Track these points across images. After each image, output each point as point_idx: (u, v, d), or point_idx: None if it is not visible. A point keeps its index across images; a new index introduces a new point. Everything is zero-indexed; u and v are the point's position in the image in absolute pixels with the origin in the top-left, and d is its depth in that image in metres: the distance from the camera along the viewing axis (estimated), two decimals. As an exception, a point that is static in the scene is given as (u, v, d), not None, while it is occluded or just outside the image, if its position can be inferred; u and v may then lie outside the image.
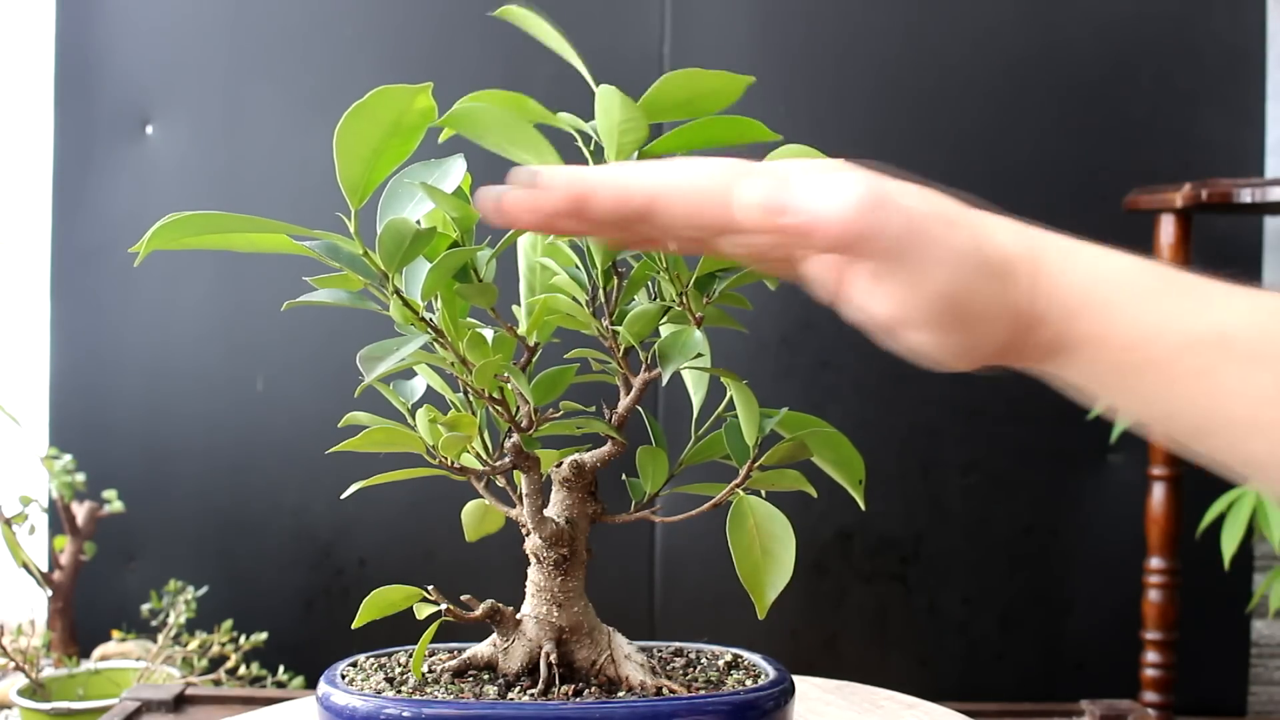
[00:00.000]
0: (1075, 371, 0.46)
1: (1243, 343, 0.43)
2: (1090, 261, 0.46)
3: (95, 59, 1.92)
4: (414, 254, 0.54)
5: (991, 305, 0.45)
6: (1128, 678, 1.78)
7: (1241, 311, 0.43)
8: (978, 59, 1.92)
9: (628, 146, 0.58)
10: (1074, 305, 0.44)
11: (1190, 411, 0.43)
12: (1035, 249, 0.46)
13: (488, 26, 1.91)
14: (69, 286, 1.93)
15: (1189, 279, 0.45)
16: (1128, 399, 0.45)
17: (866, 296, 0.46)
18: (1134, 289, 0.44)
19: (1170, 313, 0.44)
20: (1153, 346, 0.43)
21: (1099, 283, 0.45)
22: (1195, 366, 0.43)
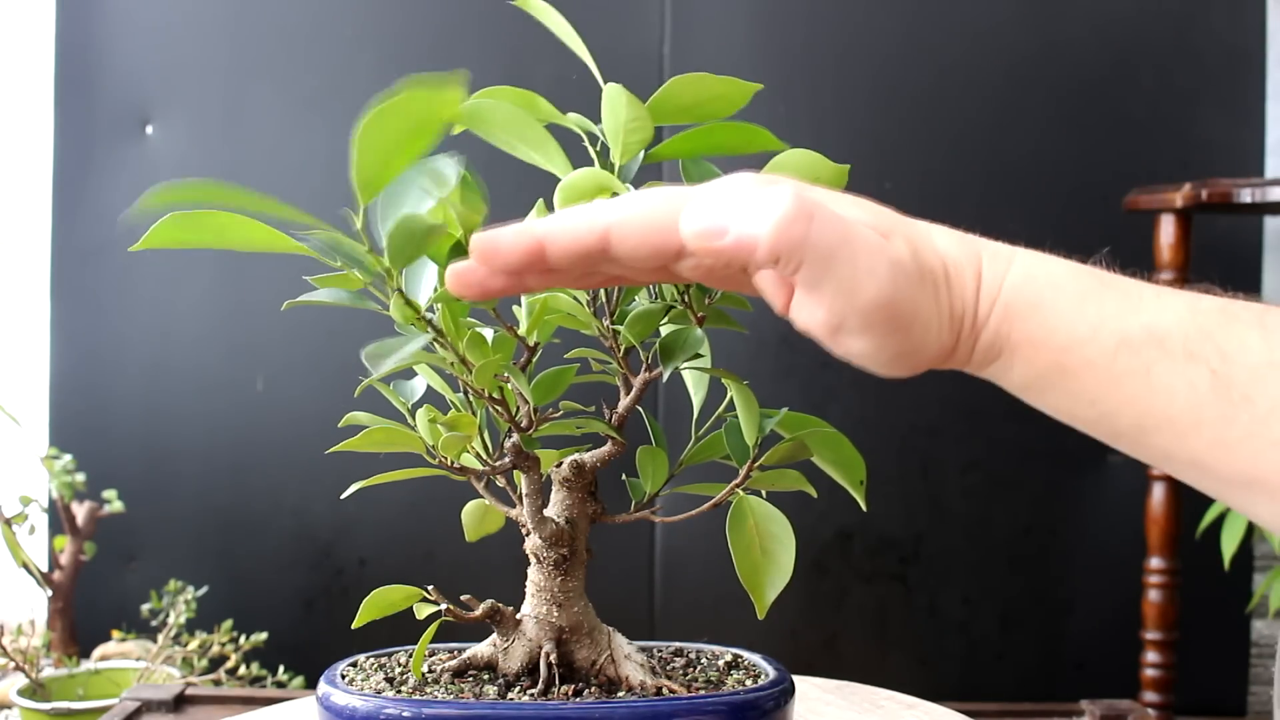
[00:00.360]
0: (1015, 374, 0.46)
1: (1178, 341, 0.43)
2: (1027, 265, 0.46)
3: (95, 59, 1.92)
4: (423, 250, 0.54)
5: (928, 311, 0.46)
6: (1128, 678, 1.78)
7: (1177, 311, 0.44)
8: (977, 59, 1.92)
9: (634, 146, 0.58)
10: (1012, 308, 0.45)
11: (1129, 411, 0.44)
12: (974, 254, 0.47)
13: (488, 27, 1.91)
14: (69, 286, 1.93)
15: (1125, 281, 0.46)
16: (1067, 401, 0.45)
17: (804, 306, 0.47)
18: (1070, 291, 0.45)
19: (1107, 313, 0.44)
20: (1089, 347, 0.44)
21: (1036, 285, 0.46)
22: (1132, 366, 0.43)
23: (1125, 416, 0.44)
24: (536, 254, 0.48)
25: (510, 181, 1.12)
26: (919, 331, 0.46)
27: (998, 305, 0.45)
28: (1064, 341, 0.44)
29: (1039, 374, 0.45)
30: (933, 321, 0.46)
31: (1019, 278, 0.46)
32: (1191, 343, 0.43)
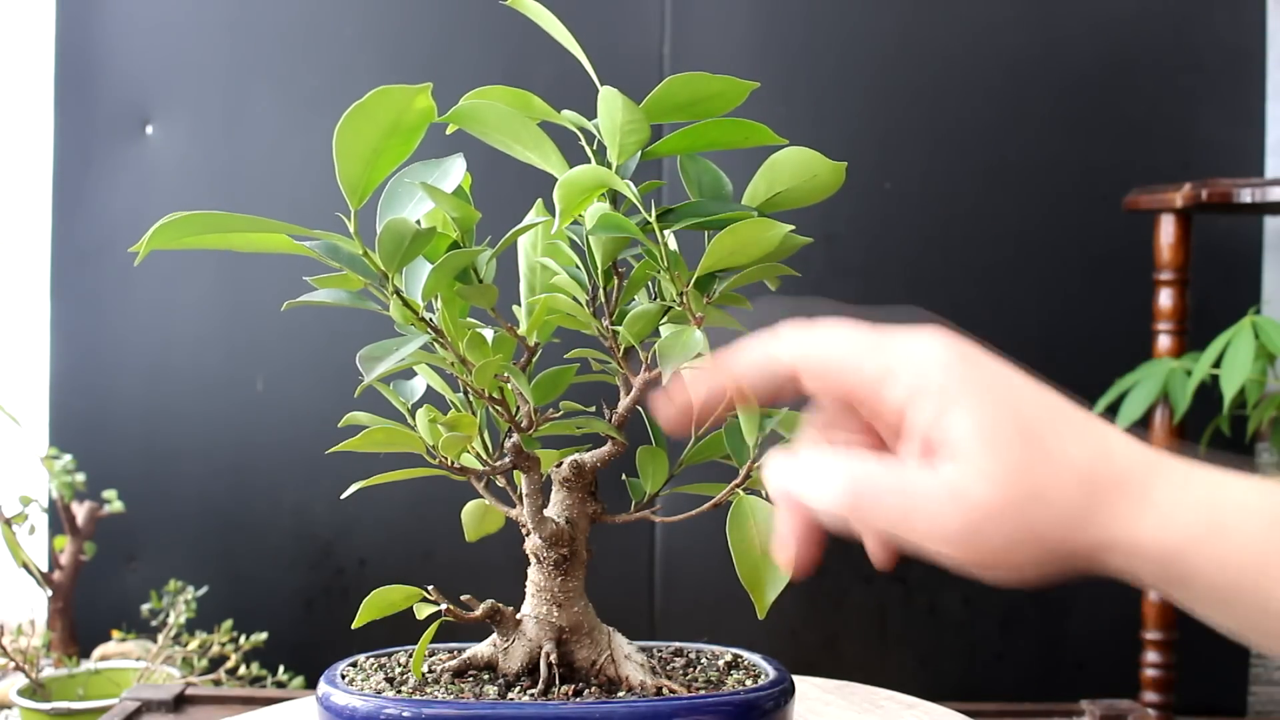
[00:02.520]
0: (1186, 592, 0.46)
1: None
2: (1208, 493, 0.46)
3: (95, 59, 1.92)
4: (413, 254, 0.54)
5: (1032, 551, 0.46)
6: (1128, 678, 1.78)
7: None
8: (977, 59, 1.92)
9: (630, 147, 0.58)
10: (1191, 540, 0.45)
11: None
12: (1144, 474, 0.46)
13: (488, 27, 1.91)
14: (69, 286, 1.93)
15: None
16: (1249, 616, 0.45)
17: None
18: (1259, 509, 0.45)
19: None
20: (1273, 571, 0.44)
21: (1220, 511, 0.45)
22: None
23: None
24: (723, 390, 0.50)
25: (510, 181, 1.12)
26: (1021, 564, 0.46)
27: (1173, 525, 0.45)
28: (1257, 564, 0.44)
29: (1221, 592, 0.45)
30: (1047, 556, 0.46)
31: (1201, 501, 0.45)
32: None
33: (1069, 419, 0.47)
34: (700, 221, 0.60)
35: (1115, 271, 1.89)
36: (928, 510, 0.46)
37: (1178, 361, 1.63)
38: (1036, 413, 0.46)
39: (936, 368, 0.47)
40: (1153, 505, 0.45)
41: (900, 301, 1.92)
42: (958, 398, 0.46)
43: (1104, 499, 0.45)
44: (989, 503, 0.45)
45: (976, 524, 0.45)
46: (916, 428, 0.46)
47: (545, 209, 0.64)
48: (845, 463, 0.47)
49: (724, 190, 0.64)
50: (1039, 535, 0.45)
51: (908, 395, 0.46)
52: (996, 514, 0.45)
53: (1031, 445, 0.45)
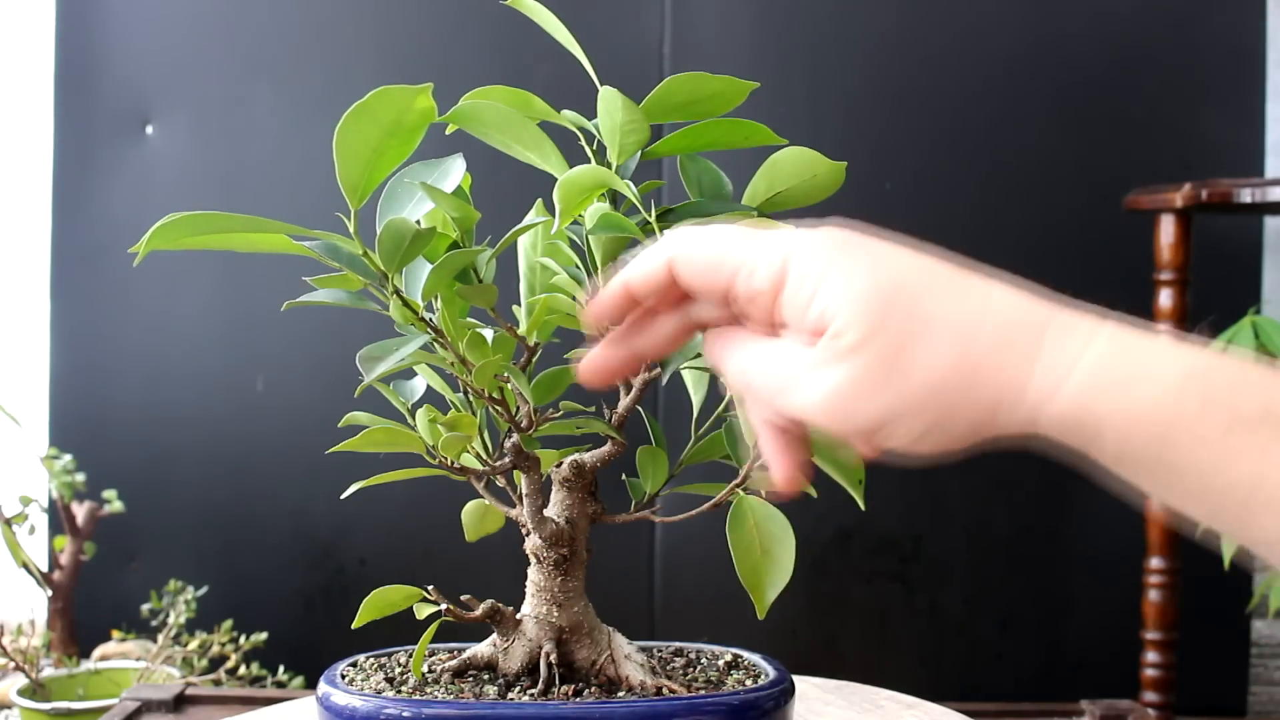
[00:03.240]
0: (1107, 448, 0.44)
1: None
2: (1120, 338, 0.44)
3: (95, 59, 1.92)
4: (413, 254, 0.54)
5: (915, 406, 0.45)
6: (1128, 678, 1.78)
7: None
8: (977, 59, 1.92)
9: (630, 147, 0.58)
10: (1099, 382, 0.43)
11: (1239, 491, 0.42)
12: (1036, 326, 0.45)
13: (487, 26, 1.91)
14: (69, 286, 1.93)
15: (1232, 360, 0.44)
16: (1169, 476, 0.44)
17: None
18: (1173, 365, 0.43)
19: (1217, 388, 0.43)
20: (1199, 423, 0.42)
21: (1131, 357, 0.44)
22: (1246, 444, 0.42)
23: (1234, 496, 0.43)
24: (627, 298, 0.52)
25: (510, 181, 1.12)
26: (910, 423, 0.45)
27: (1069, 384, 0.44)
28: (1167, 417, 0.43)
29: (1137, 449, 0.44)
30: (930, 419, 0.45)
31: (1105, 350, 0.44)
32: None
33: (948, 283, 0.46)
34: (700, 221, 0.60)
35: (1115, 271, 1.89)
36: (799, 381, 0.46)
37: (1178, 361, 1.63)
38: (911, 281, 0.46)
39: (807, 252, 0.47)
40: (1048, 359, 0.44)
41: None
42: (827, 275, 0.46)
43: (987, 356, 0.44)
44: (850, 374, 0.45)
45: (842, 393, 0.45)
46: (794, 315, 0.46)
47: (545, 209, 0.64)
48: (732, 347, 0.49)
49: (724, 190, 0.64)
50: (914, 402, 0.45)
51: (773, 283, 0.47)
52: (859, 383, 0.45)
53: (901, 312, 0.45)
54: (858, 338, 0.45)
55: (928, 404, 0.45)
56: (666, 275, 0.50)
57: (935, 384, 0.44)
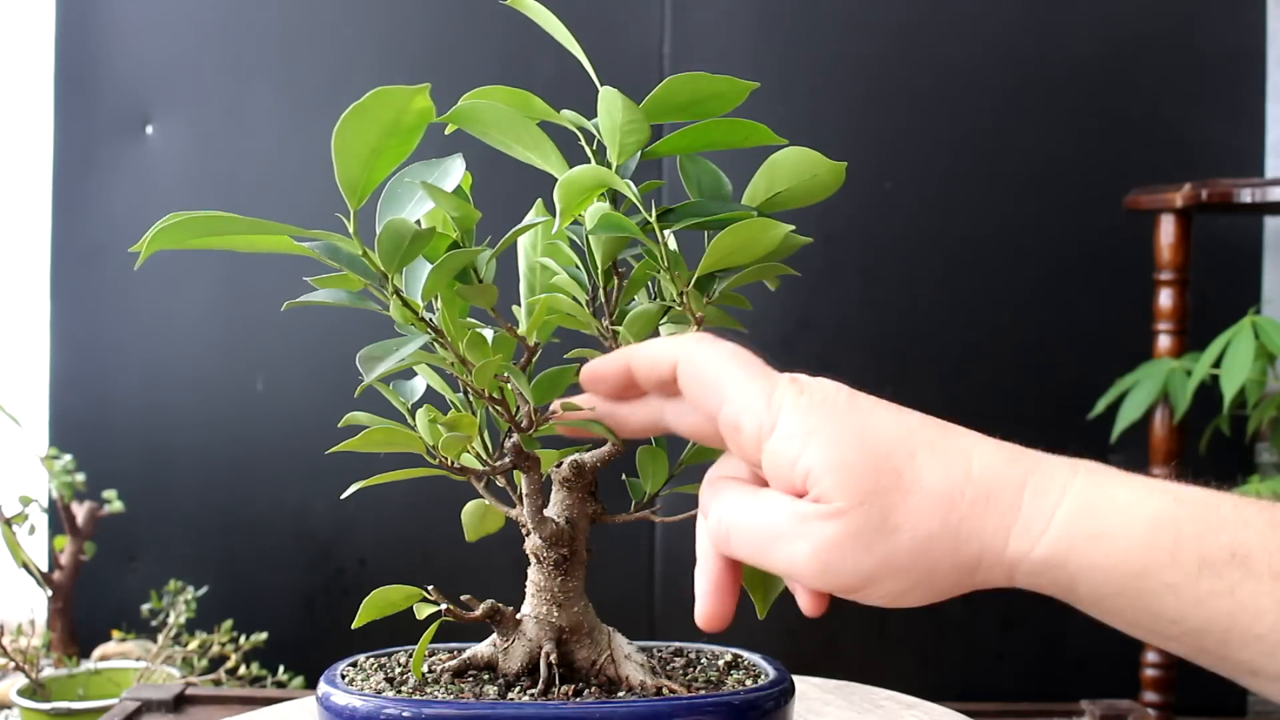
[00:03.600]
0: (1081, 596, 0.46)
1: (1261, 560, 0.43)
2: (1086, 495, 0.46)
3: (95, 59, 1.92)
4: (413, 254, 0.54)
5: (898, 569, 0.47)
6: (1128, 678, 1.78)
7: (1258, 528, 0.44)
8: (977, 59, 1.92)
9: (630, 147, 0.58)
10: (1072, 539, 0.45)
11: (1214, 630, 0.44)
12: (1014, 485, 0.47)
13: (487, 26, 1.91)
14: (69, 286, 1.93)
15: (1196, 496, 0.45)
16: (1146, 619, 0.46)
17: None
18: (1141, 517, 0.45)
19: (1184, 536, 0.44)
20: (1168, 572, 0.44)
21: (1098, 516, 0.45)
22: (1216, 588, 0.43)
23: (1210, 635, 0.44)
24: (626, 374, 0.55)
25: (510, 181, 1.12)
26: (891, 584, 0.47)
27: (1044, 541, 0.45)
28: (1138, 568, 0.44)
29: (1108, 597, 0.46)
30: (916, 572, 0.47)
31: (1076, 508, 0.45)
32: (1276, 561, 0.43)
33: (929, 444, 0.48)
34: (700, 221, 0.60)
35: (1115, 271, 1.89)
36: (785, 536, 0.47)
37: (1178, 361, 1.63)
38: (892, 443, 0.47)
39: (795, 410, 0.48)
40: (1025, 518, 0.46)
41: (900, 302, 1.92)
42: (811, 439, 0.48)
43: (968, 519, 0.46)
44: (836, 536, 0.46)
45: (825, 557, 0.47)
46: (776, 468, 0.48)
47: (545, 209, 0.64)
48: (719, 494, 0.51)
49: (724, 190, 0.64)
50: (897, 564, 0.46)
51: (758, 431, 0.48)
52: (844, 546, 0.46)
53: (883, 477, 0.46)
54: (844, 505, 0.46)
55: (913, 565, 0.46)
56: (669, 373, 0.53)
57: (920, 546, 0.46)
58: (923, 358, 1.91)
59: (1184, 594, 0.44)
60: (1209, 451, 1.82)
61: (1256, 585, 0.43)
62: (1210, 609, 0.44)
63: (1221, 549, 0.44)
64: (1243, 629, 0.43)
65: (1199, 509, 0.45)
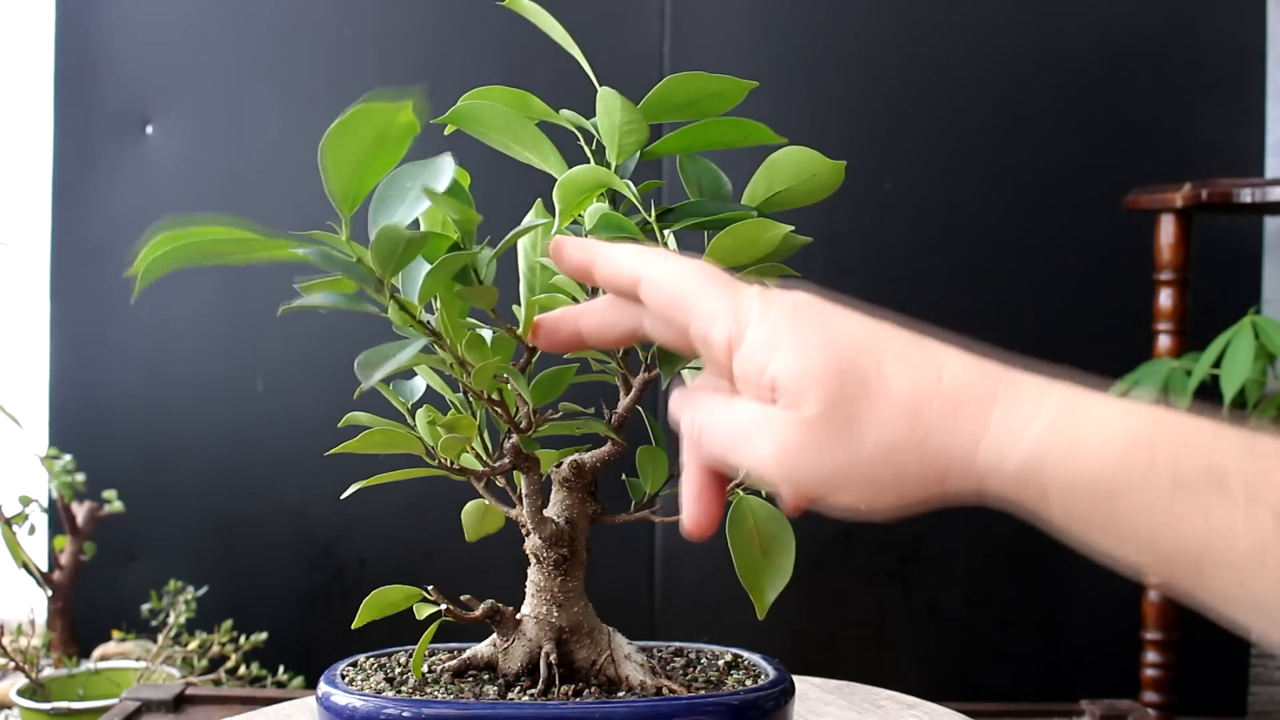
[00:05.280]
0: (1054, 515, 0.45)
1: (1238, 484, 0.42)
2: (1062, 408, 0.45)
3: (95, 59, 1.92)
4: (409, 258, 0.54)
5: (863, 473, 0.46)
6: (1128, 678, 1.78)
7: (1235, 453, 0.43)
8: (977, 59, 1.92)
9: (629, 147, 0.58)
10: (1045, 454, 0.44)
11: (1186, 554, 0.43)
12: (986, 396, 0.46)
13: (487, 26, 1.91)
14: (69, 286, 1.93)
15: (1177, 419, 0.44)
16: (1116, 543, 0.45)
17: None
18: (1117, 434, 0.44)
19: (1160, 457, 0.43)
20: (1142, 493, 0.43)
21: (1073, 432, 0.44)
22: (1189, 510, 0.42)
23: (1183, 558, 0.43)
24: (586, 269, 0.54)
25: (509, 181, 1.12)
26: (858, 490, 0.47)
27: (1016, 455, 0.45)
28: (1111, 487, 0.43)
29: (1080, 517, 0.45)
30: (880, 482, 0.46)
31: (1051, 425, 0.45)
32: (1252, 486, 0.42)
33: (899, 353, 0.47)
34: (700, 221, 0.60)
35: (1115, 271, 1.89)
36: (753, 437, 0.47)
37: (1178, 361, 1.63)
38: (861, 350, 0.47)
39: (765, 318, 0.48)
40: (995, 430, 0.45)
41: (900, 302, 1.92)
42: (780, 345, 0.47)
43: (936, 429, 0.45)
44: (798, 439, 0.46)
45: (787, 459, 0.46)
46: (747, 374, 0.48)
47: (545, 209, 0.64)
48: (693, 401, 0.51)
49: (723, 190, 0.64)
50: (864, 466, 0.46)
51: (728, 340, 0.48)
52: (807, 449, 0.46)
53: (849, 383, 0.46)
54: (809, 410, 0.46)
55: (877, 468, 0.46)
56: (629, 286, 0.52)
57: (885, 450, 0.46)
58: (923, 358, 1.91)
59: (1157, 515, 0.43)
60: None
61: (1231, 509, 0.42)
62: (1183, 532, 0.42)
63: (1197, 471, 0.42)
64: (1215, 554, 0.42)
65: (1177, 430, 0.44)
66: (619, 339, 0.55)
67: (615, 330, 0.55)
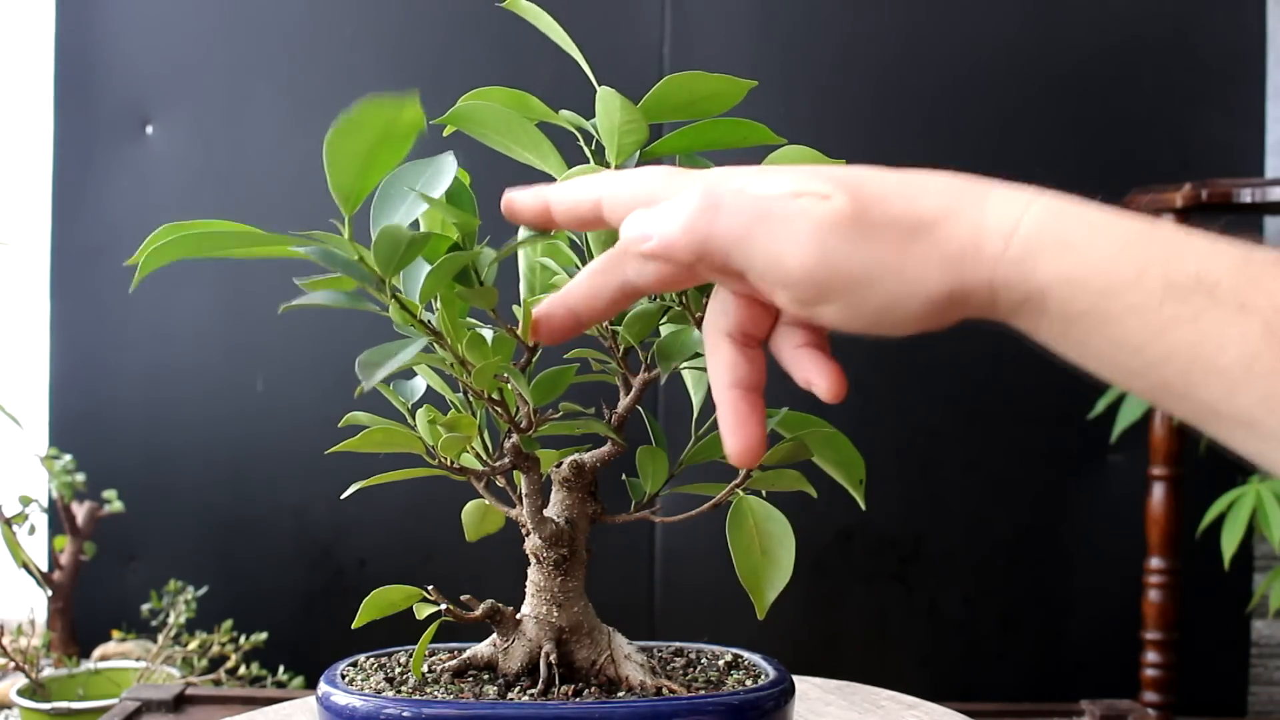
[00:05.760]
0: (1051, 319, 0.45)
1: (1229, 291, 0.41)
2: (1056, 204, 0.45)
3: (95, 59, 1.92)
4: (410, 258, 0.54)
5: (891, 262, 0.45)
6: (1128, 678, 1.78)
7: (1229, 260, 0.42)
8: (978, 59, 1.92)
9: (629, 147, 0.58)
10: (1038, 246, 0.44)
11: (1176, 361, 0.42)
12: (978, 195, 0.46)
13: (488, 26, 1.91)
14: (69, 286, 1.93)
15: (1171, 228, 0.44)
16: (1109, 349, 0.44)
17: (765, 293, 0.48)
18: (1110, 232, 0.44)
19: (1152, 257, 0.42)
20: (1133, 292, 0.42)
21: (1067, 223, 0.44)
22: (1179, 314, 0.42)
23: (1172, 366, 0.42)
24: (544, 214, 0.53)
25: (509, 181, 1.12)
26: (890, 283, 0.45)
27: (1015, 243, 0.44)
28: (1104, 284, 0.43)
29: (1076, 318, 0.44)
30: (909, 269, 0.45)
31: (1044, 214, 0.44)
32: (1244, 294, 0.41)
33: (879, 172, 0.48)
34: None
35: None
36: (773, 220, 0.46)
37: (1178, 361, 1.63)
38: (851, 170, 0.48)
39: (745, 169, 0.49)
40: (995, 215, 0.45)
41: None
42: (777, 168, 0.48)
43: (941, 219, 0.45)
44: (835, 213, 0.45)
45: (826, 237, 0.45)
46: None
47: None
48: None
49: (724, 190, 0.64)
50: (893, 260, 0.45)
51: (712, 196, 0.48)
52: (844, 227, 0.45)
53: (864, 184, 0.46)
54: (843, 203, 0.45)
55: (908, 262, 0.45)
56: (591, 215, 0.52)
57: (904, 233, 0.45)
58: (923, 358, 1.91)
59: (1147, 318, 0.42)
60: (1209, 451, 1.82)
61: (1221, 314, 0.41)
62: (1173, 338, 0.42)
63: (1188, 275, 0.42)
64: (1205, 361, 0.41)
65: (1170, 237, 0.43)
66: (611, 302, 0.54)
67: (604, 294, 0.53)
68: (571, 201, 0.52)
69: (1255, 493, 1.59)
